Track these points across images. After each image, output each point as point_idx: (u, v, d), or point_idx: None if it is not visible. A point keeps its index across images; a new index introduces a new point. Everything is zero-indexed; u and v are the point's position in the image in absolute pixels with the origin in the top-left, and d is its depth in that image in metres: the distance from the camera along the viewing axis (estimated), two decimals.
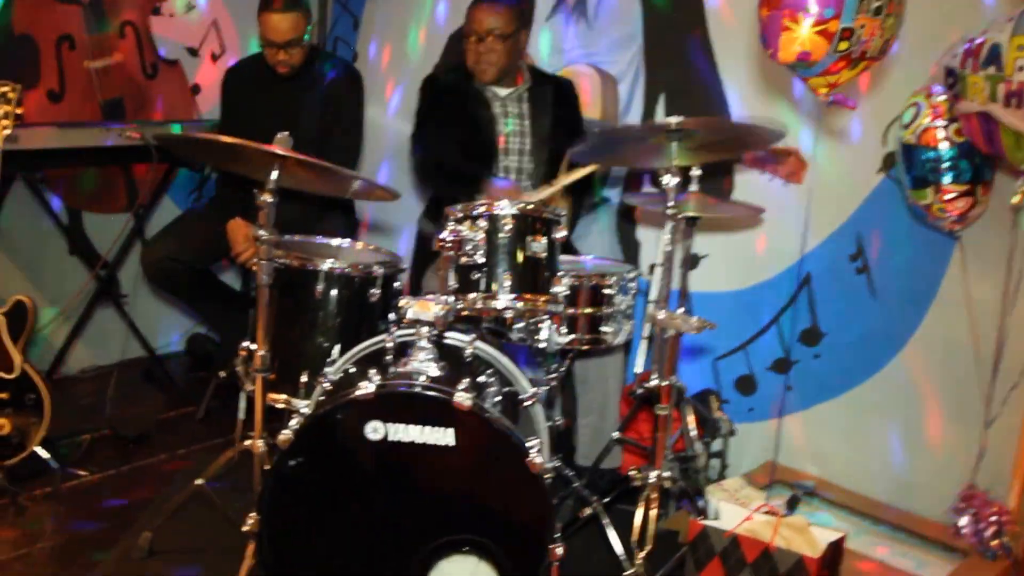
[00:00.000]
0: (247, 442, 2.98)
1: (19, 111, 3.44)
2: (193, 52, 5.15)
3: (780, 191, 3.83)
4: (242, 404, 3.37)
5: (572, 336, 3.14)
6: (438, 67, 4.94)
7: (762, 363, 3.99)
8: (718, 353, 4.11)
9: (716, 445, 3.87)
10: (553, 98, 3.98)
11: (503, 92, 3.93)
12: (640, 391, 2.97)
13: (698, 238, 4.01)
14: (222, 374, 4.29)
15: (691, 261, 4.00)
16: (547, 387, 3.17)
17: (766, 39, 2.76)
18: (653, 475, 2.86)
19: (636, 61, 4.23)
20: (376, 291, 3.15)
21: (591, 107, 4.25)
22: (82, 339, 4.72)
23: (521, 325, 3.14)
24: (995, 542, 3.14)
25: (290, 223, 3.68)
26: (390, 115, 5.23)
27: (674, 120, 2.63)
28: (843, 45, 2.66)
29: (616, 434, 3.47)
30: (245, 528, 2.63)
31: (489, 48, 3.79)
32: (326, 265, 3.11)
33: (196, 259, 4.19)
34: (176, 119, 5.00)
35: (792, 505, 3.44)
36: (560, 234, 2.96)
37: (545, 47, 4.54)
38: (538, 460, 2.45)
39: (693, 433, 3.54)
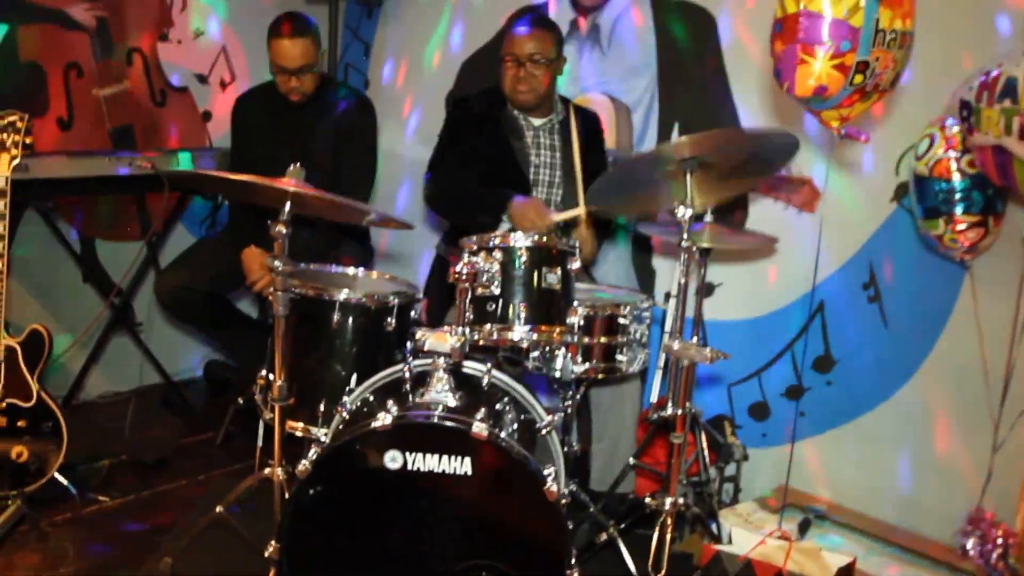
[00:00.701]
0: (266, 470, 3.00)
1: (28, 140, 3.46)
2: (202, 79, 5.19)
3: (794, 220, 3.86)
4: (261, 431, 3.41)
5: (587, 365, 3.15)
6: (451, 93, 5.00)
7: (775, 390, 4.02)
8: (732, 379, 4.14)
9: (729, 470, 3.91)
10: (583, 130, 3.98)
11: (537, 122, 3.94)
12: (656, 417, 3.00)
13: (712, 267, 4.08)
14: (240, 400, 4.32)
15: (706, 290, 4.06)
16: (563, 414, 3.21)
17: (781, 73, 2.77)
18: (668, 501, 2.89)
19: (651, 90, 4.26)
20: (392, 320, 3.17)
21: (605, 136, 4.26)
22: (99, 366, 4.74)
23: (537, 354, 3.17)
24: (1001, 564, 3.17)
25: (305, 251, 3.74)
26: (407, 140, 5.27)
27: (686, 139, 2.68)
28: (858, 78, 2.67)
29: (632, 460, 3.50)
30: (266, 554, 2.66)
31: (529, 73, 3.78)
32: (342, 295, 3.14)
33: (211, 288, 4.22)
34: (187, 147, 5.02)
35: (804, 528, 3.46)
36: (575, 265, 3.00)
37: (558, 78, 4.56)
38: (554, 488, 2.48)
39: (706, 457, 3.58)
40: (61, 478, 3.60)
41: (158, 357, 4.76)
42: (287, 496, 2.80)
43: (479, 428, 2.46)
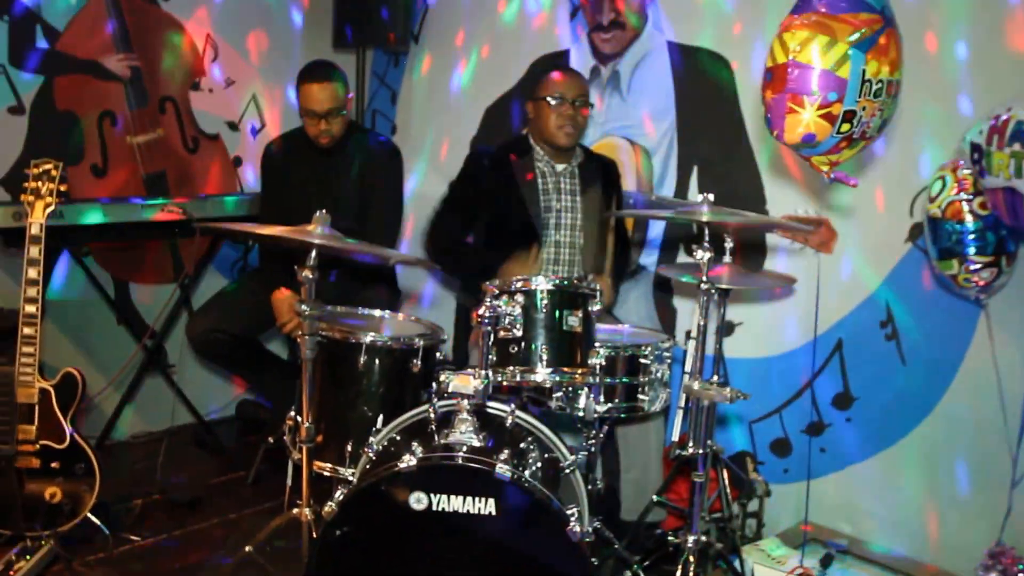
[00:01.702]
0: (295, 511, 3.07)
1: (62, 187, 3.57)
2: (233, 126, 5.31)
3: (811, 260, 3.91)
4: (290, 471, 3.48)
5: (609, 405, 3.21)
6: (475, 138, 5.10)
7: (796, 426, 4.06)
8: (754, 416, 4.19)
9: (753, 505, 3.95)
10: (601, 177, 4.09)
11: (559, 167, 4.03)
12: (677, 454, 3.05)
13: (733, 306, 4.14)
14: (271, 440, 4.38)
15: (726, 328, 4.12)
16: (586, 453, 3.27)
17: (771, 121, 2.82)
18: (691, 539, 2.95)
19: (669, 134, 4.33)
20: (417, 362, 3.23)
21: (626, 179, 4.35)
22: (132, 406, 4.83)
23: (560, 394, 3.23)
24: None
25: (334, 293, 3.83)
26: (435, 182, 5.32)
27: (705, 215, 2.76)
28: (845, 127, 2.72)
29: (655, 496, 3.56)
30: None
31: (577, 112, 3.90)
32: (368, 338, 3.22)
33: (242, 330, 4.30)
34: (218, 192, 5.16)
35: (826, 564, 3.48)
36: (596, 307, 3.06)
37: None
38: (577, 528, 2.54)
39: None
40: (94, 518, 3.65)
41: (191, 397, 4.84)
42: (314, 536, 2.87)
43: (502, 469, 2.53)
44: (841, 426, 3.93)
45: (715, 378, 3.56)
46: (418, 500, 2.57)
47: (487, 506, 2.55)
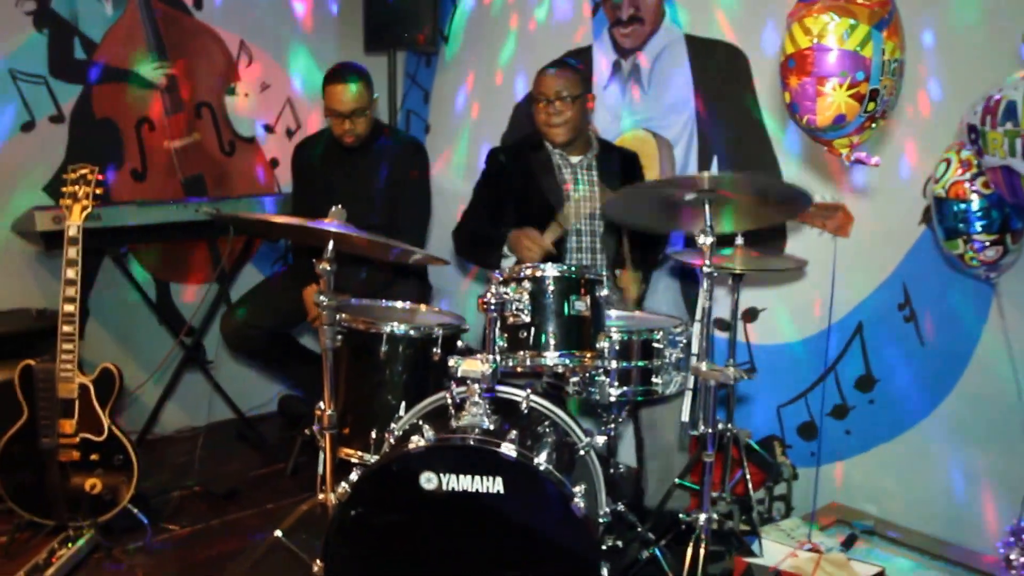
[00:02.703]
0: (320, 496, 3.19)
1: (98, 191, 3.75)
2: (269, 129, 5.47)
3: (829, 245, 3.95)
4: (320, 460, 3.60)
5: (624, 388, 3.28)
6: (505, 136, 5.19)
7: (822, 410, 4.09)
8: (781, 401, 4.23)
9: (781, 489, 3.99)
10: (620, 166, 4.16)
11: (574, 159, 4.11)
12: (689, 433, 3.12)
13: (757, 292, 4.20)
14: (307, 432, 4.49)
15: (751, 314, 4.17)
16: (605, 436, 3.35)
17: (799, 106, 2.88)
18: (702, 517, 3.01)
19: (690, 125, 4.39)
20: (438, 351, 3.33)
21: (649, 171, 4.42)
22: (175, 402, 4.98)
23: (576, 379, 3.31)
24: None
25: (365, 288, 3.94)
26: (467, 179, 5.40)
27: (706, 175, 2.82)
28: (871, 106, 2.81)
29: (677, 480, 3.62)
30: (313, 571, 2.82)
31: (559, 111, 3.96)
32: (389, 328, 3.33)
33: (274, 325, 4.44)
34: (253, 193, 5.30)
35: (849, 544, 3.50)
36: (603, 292, 3.14)
37: (603, 115, 4.73)
38: (582, 504, 2.61)
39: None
40: (133, 508, 3.81)
41: (232, 393, 4.97)
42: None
43: (507, 448, 2.61)
44: (864, 408, 3.96)
45: (731, 361, 3.63)
46: (428, 480, 2.65)
47: (495, 484, 2.62)
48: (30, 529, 3.78)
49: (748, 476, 3.67)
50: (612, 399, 3.29)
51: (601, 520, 3.09)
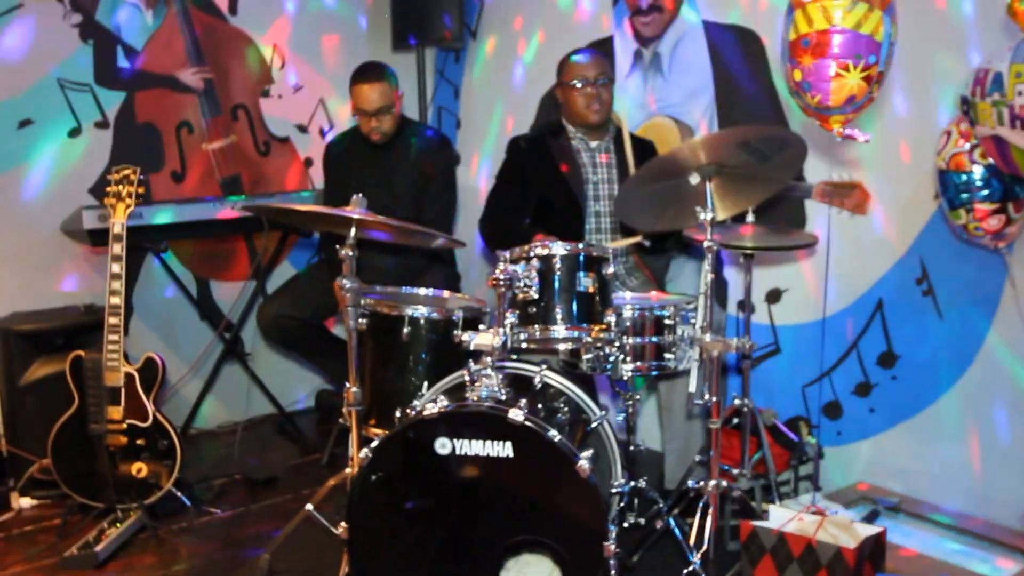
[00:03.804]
0: (347, 470, 3.35)
1: (140, 190, 3.95)
2: (303, 129, 5.64)
3: (848, 224, 4.00)
4: (350, 439, 3.74)
5: (639, 363, 3.38)
6: (532, 125, 5.31)
7: (846, 388, 4.15)
8: (806, 381, 4.29)
9: (807, 469, 4.03)
10: (635, 151, 4.25)
11: (593, 144, 4.23)
12: (696, 404, 3.21)
13: (778, 273, 4.28)
14: (341, 420, 4.65)
15: (773, 296, 4.25)
16: (623, 412, 3.47)
17: (811, 85, 2.99)
18: (711, 484, 3.11)
19: (710, 110, 4.48)
20: (459, 332, 3.44)
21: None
22: (214, 396, 5.17)
23: (590, 356, 3.41)
24: None
25: (395, 276, 4.09)
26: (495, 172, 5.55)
27: (698, 140, 2.92)
28: (875, 88, 2.96)
29: (697, 456, 3.70)
30: (337, 532, 2.98)
31: (599, 91, 4.09)
32: (411, 311, 3.48)
33: (308, 315, 4.61)
34: (289, 191, 5.51)
35: (871, 519, 3.54)
36: (609, 270, 3.26)
37: (626, 103, 4.82)
38: (587, 466, 2.73)
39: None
40: (177, 492, 4.00)
41: (271, 387, 5.16)
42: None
43: (515, 414, 2.74)
44: (887, 384, 4.01)
45: (747, 335, 3.71)
46: (442, 445, 2.80)
47: (505, 449, 2.75)
48: (81, 512, 3.98)
49: (769, 455, 3.74)
50: (627, 375, 3.39)
51: (614, 491, 3.21)
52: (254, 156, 5.43)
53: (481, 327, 3.57)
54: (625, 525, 3.54)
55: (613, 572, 2.78)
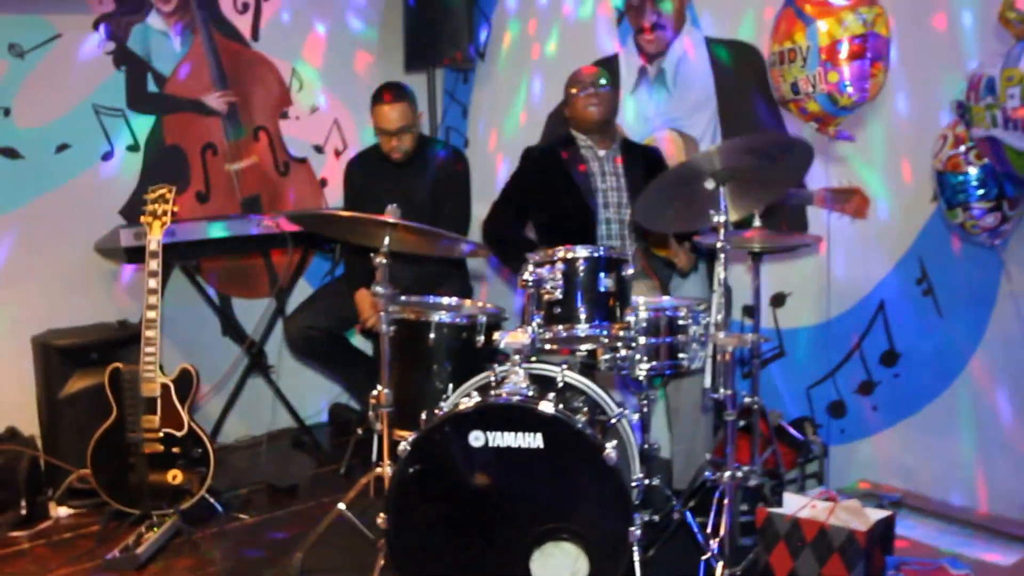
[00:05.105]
0: (378, 469, 3.52)
1: (175, 208, 4.13)
2: (319, 149, 5.82)
3: (849, 228, 4.15)
4: (375, 443, 3.91)
5: (654, 363, 3.51)
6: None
7: (849, 387, 4.28)
8: (810, 382, 4.42)
9: (814, 467, 4.16)
10: (643, 159, 4.41)
11: (601, 152, 4.37)
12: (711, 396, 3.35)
13: (782, 277, 4.42)
14: (359, 431, 4.87)
15: (778, 299, 4.40)
16: (639, 411, 3.61)
17: (853, 83, 3.27)
18: (726, 475, 3.27)
19: (712, 122, 4.65)
20: (481, 338, 3.64)
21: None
22: (237, 412, 5.31)
23: (608, 356, 3.57)
24: None
25: (413, 285, 4.25)
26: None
27: (714, 148, 3.07)
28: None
29: (708, 455, 3.86)
30: (378, 521, 3.13)
31: (597, 91, 4.24)
32: (436, 317, 3.66)
33: (331, 327, 4.80)
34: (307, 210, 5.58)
35: None
36: (629, 271, 3.43)
37: (632, 116, 4.99)
38: (613, 454, 2.90)
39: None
40: (210, 498, 4.17)
41: (290, 401, 5.32)
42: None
43: (545, 406, 2.93)
44: (890, 382, 4.13)
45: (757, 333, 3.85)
46: (476, 438, 2.98)
47: (535, 440, 2.94)
48: (117, 519, 4.13)
49: (779, 453, 3.88)
50: (643, 374, 3.53)
51: (634, 484, 3.38)
52: (274, 176, 5.60)
53: (500, 332, 3.72)
54: (636, 501, 3.65)
55: (636, 556, 2.95)
